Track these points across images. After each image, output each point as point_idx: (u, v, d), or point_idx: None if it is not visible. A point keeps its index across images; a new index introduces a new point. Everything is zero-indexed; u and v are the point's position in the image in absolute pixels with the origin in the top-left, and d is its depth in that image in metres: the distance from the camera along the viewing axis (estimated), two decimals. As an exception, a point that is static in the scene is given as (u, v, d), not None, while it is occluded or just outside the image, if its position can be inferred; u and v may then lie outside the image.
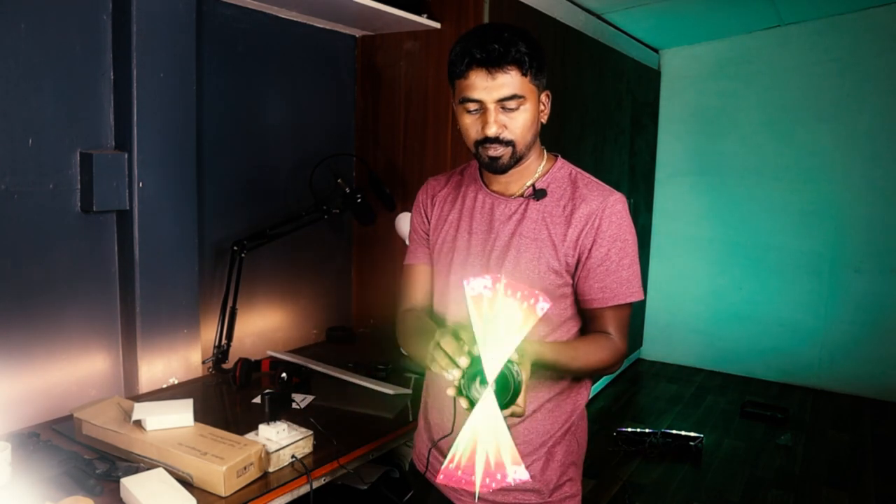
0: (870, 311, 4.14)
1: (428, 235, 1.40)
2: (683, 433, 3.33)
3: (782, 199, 4.33)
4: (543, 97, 1.25)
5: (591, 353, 1.21)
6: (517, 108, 1.18)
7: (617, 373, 4.48)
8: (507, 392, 0.93)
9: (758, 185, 4.39)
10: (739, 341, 4.53)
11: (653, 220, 4.76)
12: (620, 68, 3.86)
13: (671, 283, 4.72)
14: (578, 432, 1.34)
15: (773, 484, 3.06)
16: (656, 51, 4.55)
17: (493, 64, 1.15)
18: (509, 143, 1.20)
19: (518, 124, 1.19)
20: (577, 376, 1.28)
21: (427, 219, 1.40)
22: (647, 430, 3.35)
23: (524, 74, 1.17)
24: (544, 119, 1.26)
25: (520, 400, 0.94)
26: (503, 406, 0.92)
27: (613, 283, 1.22)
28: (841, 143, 4.14)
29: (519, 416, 0.96)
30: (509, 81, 1.16)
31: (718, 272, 4.57)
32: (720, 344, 4.60)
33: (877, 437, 3.62)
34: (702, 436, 3.31)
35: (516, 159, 1.22)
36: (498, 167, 1.22)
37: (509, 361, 0.93)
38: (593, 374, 1.30)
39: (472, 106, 1.19)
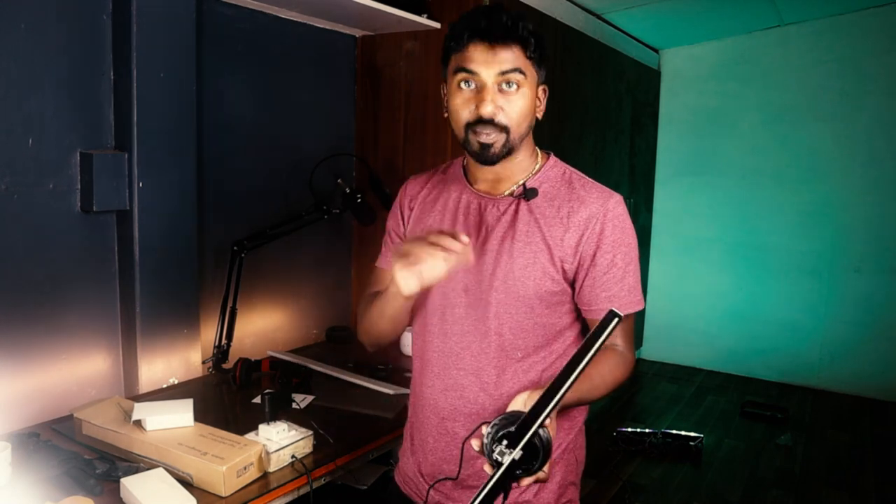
0: (869, 311, 4.14)
1: (402, 240, 1.30)
2: (683, 433, 3.33)
3: (782, 199, 4.33)
4: (540, 91, 1.17)
5: (607, 374, 1.12)
6: (517, 91, 1.10)
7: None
8: (534, 458, 0.85)
9: (758, 185, 4.39)
10: (739, 341, 4.53)
11: (653, 220, 4.76)
12: (620, 68, 3.86)
13: (671, 283, 4.72)
14: (577, 449, 1.27)
15: (773, 484, 3.06)
16: (656, 51, 4.55)
17: (498, 37, 1.07)
18: (504, 129, 1.10)
19: (515, 108, 1.10)
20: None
21: (403, 222, 1.31)
22: (647, 430, 3.35)
23: (528, 57, 1.10)
24: (539, 114, 1.18)
25: (546, 466, 0.87)
26: (528, 472, 0.86)
27: (622, 291, 1.14)
28: (840, 143, 4.14)
29: (543, 481, 0.89)
30: (511, 58, 1.08)
31: (718, 272, 4.57)
32: (720, 344, 4.60)
33: (877, 437, 3.62)
34: (702, 436, 3.31)
35: (508, 150, 1.12)
36: (489, 156, 1.12)
37: (541, 426, 0.84)
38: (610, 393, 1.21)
39: (466, 79, 1.09)
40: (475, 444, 0.90)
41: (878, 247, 4.10)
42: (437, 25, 2.40)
